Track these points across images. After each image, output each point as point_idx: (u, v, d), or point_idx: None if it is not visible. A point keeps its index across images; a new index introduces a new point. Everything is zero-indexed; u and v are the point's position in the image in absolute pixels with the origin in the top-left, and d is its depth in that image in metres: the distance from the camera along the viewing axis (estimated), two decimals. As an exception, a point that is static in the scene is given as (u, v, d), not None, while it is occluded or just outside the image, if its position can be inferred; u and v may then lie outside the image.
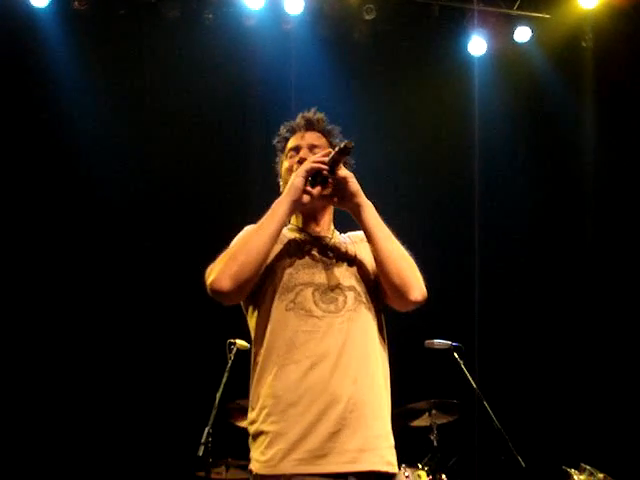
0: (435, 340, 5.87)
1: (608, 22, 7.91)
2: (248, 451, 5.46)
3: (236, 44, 7.62)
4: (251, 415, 2.60)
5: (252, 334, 2.72)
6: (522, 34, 8.06)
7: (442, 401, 6.13)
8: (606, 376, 7.58)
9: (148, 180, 7.48)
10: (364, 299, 2.71)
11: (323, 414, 2.47)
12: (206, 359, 6.12)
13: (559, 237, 8.06)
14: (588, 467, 6.02)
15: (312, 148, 2.85)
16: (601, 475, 5.96)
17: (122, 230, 7.31)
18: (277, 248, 2.68)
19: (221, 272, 2.50)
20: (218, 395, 5.16)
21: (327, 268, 2.69)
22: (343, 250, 2.79)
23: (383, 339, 2.79)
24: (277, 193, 2.84)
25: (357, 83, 8.00)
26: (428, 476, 5.93)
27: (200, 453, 4.88)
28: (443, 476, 5.92)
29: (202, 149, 7.58)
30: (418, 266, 2.78)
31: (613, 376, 7.56)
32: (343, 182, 2.68)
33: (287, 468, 2.42)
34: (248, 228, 2.73)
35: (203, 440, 4.92)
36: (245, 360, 5.50)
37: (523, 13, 8.05)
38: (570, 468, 6.05)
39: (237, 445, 5.99)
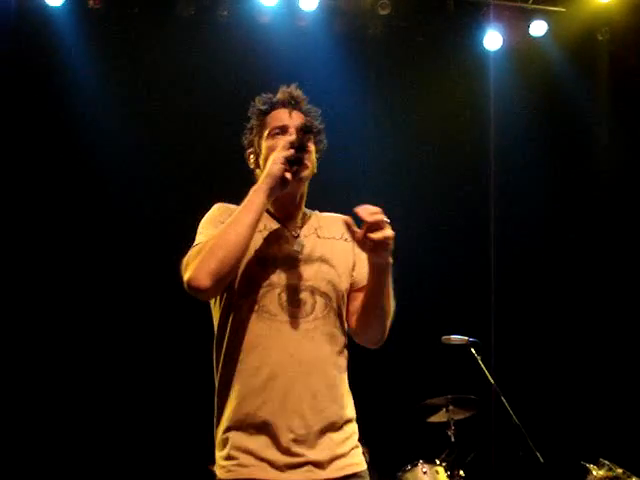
0: (452, 336, 5.85)
1: (624, 15, 7.86)
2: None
3: (250, 41, 7.61)
4: (215, 419, 2.57)
5: (215, 330, 2.61)
6: (538, 28, 8.01)
7: (459, 397, 6.13)
8: (625, 371, 7.55)
9: (160, 177, 7.47)
10: (335, 305, 2.57)
11: (283, 426, 2.41)
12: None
13: (576, 230, 8.02)
14: (607, 462, 5.99)
15: None
16: (620, 470, 5.94)
17: (127, 219, 7.32)
18: None
19: (199, 268, 2.35)
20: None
21: (298, 268, 2.53)
22: (316, 247, 2.62)
23: (346, 347, 2.64)
24: (247, 168, 2.78)
25: (372, 79, 7.98)
26: (446, 472, 5.93)
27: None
28: (461, 472, 5.93)
29: (215, 147, 7.58)
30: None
31: (633, 371, 7.53)
32: (386, 241, 2.34)
33: (249, 473, 2.40)
34: (215, 208, 2.65)
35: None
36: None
37: (539, 7, 8.00)
38: (589, 463, 6.03)
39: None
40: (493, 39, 8.05)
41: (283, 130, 2.62)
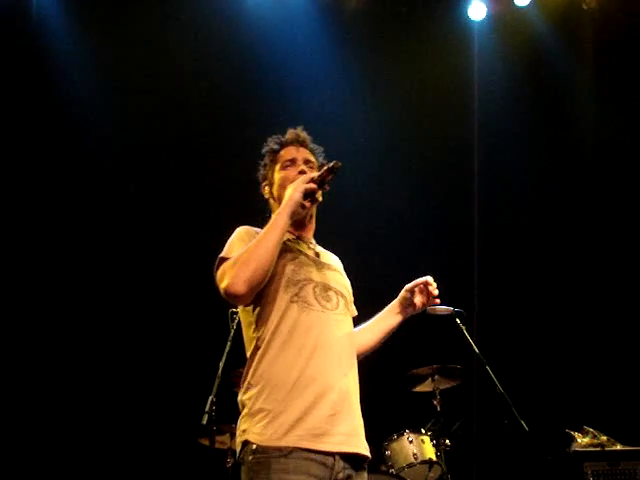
0: (437, 306, 5.84)
1: (609, -16, 7.85)
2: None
3: (232, 14, 7.59)
4: (250, 392, 2.79)
5: (252, 320, 2.90)
6: (522, -3, 8.00)
7: (444, 366, 6.16)
8: (608, 339, 7.60)
9: (152, 161, 7.47)
10: (349, 309, 3.05)
11: (320, 398, 2.71)
12: (208, 329, 6.14)
13: (559, 205, 8.03)
14: (591, 430, 6.07)
15: (307, 162, 3.14)
16: (604, 437, 6.01)
17: (123, 206, 7.34)
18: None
19: (235, 277, 2.74)
20: (221, 364, 5.16)
21: (322, 270, 3.00)
22: (330, 259, 3.16)
23: None
24: (261, 196, 3.23)
25: (356, 51, 7.95)
26: (432, 441, 5.98)
27: (204, 421, 4.89)
28: (447, 441, 5.97)
29: (206, 128, 7.57)
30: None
31: (615, 339, 7.58)
32: (418, 309, 3.25)
33: (289, 441, 2.64)
34: (242, 230, 3.04)
35: (207, 409, 4.92)
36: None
37: (523, -24, 7.98)
38: (573, 431, 6.10)
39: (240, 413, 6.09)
40: (477, 9, 8.05)
41: (293, 162, 3.13)
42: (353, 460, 2.75)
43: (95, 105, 7.33)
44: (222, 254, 2.90)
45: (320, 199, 3.01)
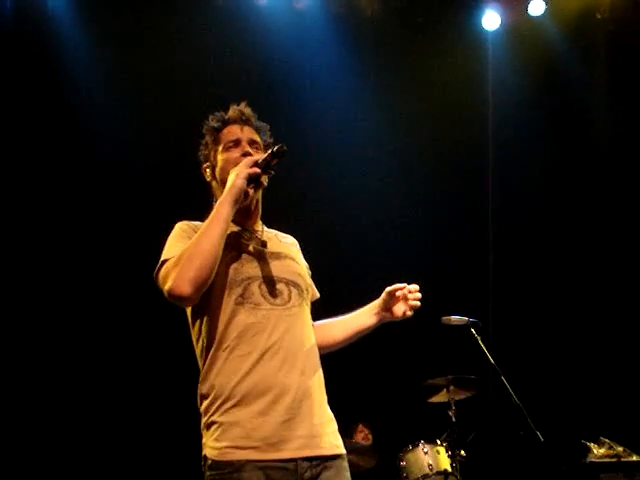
0: (452, 316, 5.84)
1: (623, -7, 7.84)
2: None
3: (248, 24, 7.60)
4: (204, 404, 2.65)
5: (197, 328, 2.74)
6: (536, 7, 8.00)
7: (460, 377, 6.14)
8: (625, 350, 7.56)
9: (159, 158, 7.49)
10: (304, 296, 2.81)
11: (274, 403, 2.56)
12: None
13: (576, 213, 8.01)
14: (607, 441, 6.04)
15: (252, 143, 2.91)
16: (620, 448, 5.98)
17: (128, 206, 7.37)
18: None
19: (179, 277, 2.54)
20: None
21: (268, 262, 2.77)
22: (279, 246, 2.90)
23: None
24: (202, 180, 3.01)
25: (371, 60, 7.96)
26: (447, 452, 5.96)
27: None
28: (462, 452, 5.95)
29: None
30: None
31: (633, 350, 7.54)
32: (396, 317, 2.95)
33: (241, 455, 2.50)
34: (179, 226, 2.83)
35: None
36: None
37: (537, -14, 7.97)
38: (589, 442, 6.07)
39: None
40: (491, 19, 8.05)
41: (236, 143, 2.89)
42: (319, 461, 2.58)
43: (108, 106, 7.35)
44: (162, 256, 2.69)
45: (265, 184, 2.81)
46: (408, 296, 2.89)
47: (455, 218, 7.85)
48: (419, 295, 2.91)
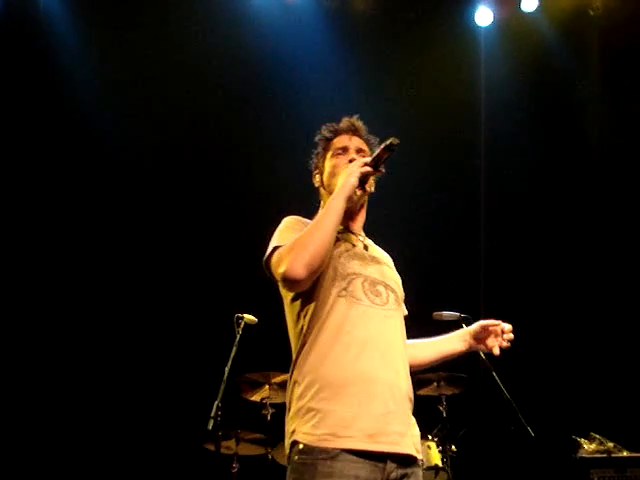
0: (444, 312, 5.84)
1: (615, -10, 7.85)
2: (258, 424, 5.46)
3: (239, 19, 7.59)
4: (297, 390, 2.69)
5: (296, 313, 2.81)
6: (529, 4, 8.01)
7: (450, 374, 6.14)
8: (616, 345, 7.58)
9: (155, 152, 7.48)
10: (400, 303, 2.92)
11: (373, 397, 2.61)
12: (214, 334, 6.15)
13: (566, 209, 8.02)
14: (598, 436, 6.05)
15: (359, 151, 3.04)
16: (611, 444, 5.99)
17: (126, 205, 7.36)
18: None
19: (294, 261, 2.63)
20: (227, 369, 5.17)
21: (372, 263, 2.88)
22: (380, 253, 3.04)
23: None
24: (311, 184, 3.13)
25: (363, 55, 7.95)
26: (438, 447, 5.96)
27: (209, 427, 4.90)
28: (453, 447, 5.96)
29: (208, 123, 7.57)
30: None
31: (623, 345, 7.56)
32: (486, 350, 3.13)
33: (339, 444, 2.53)
34: (291, 219, 2.93)
35: (212, 414, 4.93)
36: (252, 334, 5.55)
37: (530, -17, 7.98)
38: (580, 437, 6.08)
39: (246, 418, 6.08)
40: (484, 15, 8.05)
41: (344, 150, 3.05)
42: (405, 460, 2.63)
43: (101, 103, 7.34)
44: (274, 243, 2.79)
45: (372, 189, 2.97)
46: (501, 335, 3.11)
47: (447, 214, 7.85)
48: (512, 336, 3.12)
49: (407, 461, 2.64)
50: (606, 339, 7.60)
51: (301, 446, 2.58)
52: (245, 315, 5.49)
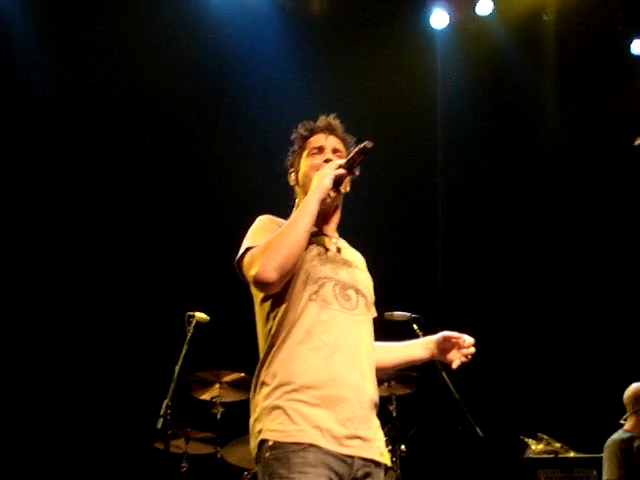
0: (395, 312, 5.86)
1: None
2: (208, 423, 5.42)
3: (195, 16, 7.54)
4: (264, 390, 2.71)
5: (266, 314, 2.82)
6: (484, 7, 8.06)
7: (401, 373, 6.15)
8: (563, 347, 7.67)
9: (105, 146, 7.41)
10: (369, 309, 2.93)
11: (340, 400, 2.65)
12: (165, 332, 6.10)
13: (522, 208, 8.10)
14: (545, 437, 6.12)
15: (335, 151, 3.04)
16: (558, 444, 6.07)
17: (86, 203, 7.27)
18: None
19: (266, 263, 2.65)
20: (177, 368, 5.14)
21: (343, 267, 2.89)
22: (353, 255, 3.05)
23: None
24: (286, 183, 3.13)
25: (317, 56, 7.94)
26: (387, 446, 5.96)
27: (159, 426, 4.86)
28: (402, 446, 5.96)
29: (165, 130, 7.53)
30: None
31: (570, 347, 7.65)
32: (448, 362, 3.10)
33: (309, 438, 2.58)
34: (265, 218, 2.93)
35: (162, 412, 4.90)
36: (203, 333, 5.51)
37: (484, -15, 8.03)
38: (528, 438, 6.15)
39: (196, 417, 6.04)
40: (439, 17, 8.08)
41: (320, 150, 3.04)
42: (370, 461, 2.69)
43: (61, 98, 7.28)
44: (247, 244, 2.79)
45: (347, 189, 2.97)
46: (462, 349, 3.10)
47: (404, 216, 7.86)
48: (472, 350, 3.10)
49: (372, 463, 2.71)
50: (554, 341, 7.70)
51: (271, 443, 2.61)
52: (197, 313, 5.46)
